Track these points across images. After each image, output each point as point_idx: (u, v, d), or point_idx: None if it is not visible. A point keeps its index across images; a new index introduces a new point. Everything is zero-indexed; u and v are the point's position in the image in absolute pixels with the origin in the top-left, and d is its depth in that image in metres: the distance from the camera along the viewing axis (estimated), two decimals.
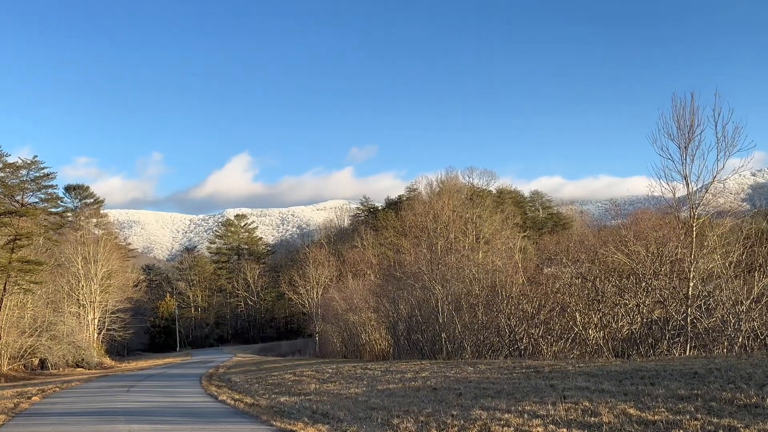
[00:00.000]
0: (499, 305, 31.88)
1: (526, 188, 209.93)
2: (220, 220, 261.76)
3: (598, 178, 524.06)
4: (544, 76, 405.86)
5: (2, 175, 54.94)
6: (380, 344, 48.82)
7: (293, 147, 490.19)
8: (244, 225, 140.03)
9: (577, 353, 28.17)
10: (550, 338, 29.64)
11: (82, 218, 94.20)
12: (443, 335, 34.27)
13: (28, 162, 59.13)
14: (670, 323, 26.20)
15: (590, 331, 28.10)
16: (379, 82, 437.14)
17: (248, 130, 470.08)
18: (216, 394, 25.12)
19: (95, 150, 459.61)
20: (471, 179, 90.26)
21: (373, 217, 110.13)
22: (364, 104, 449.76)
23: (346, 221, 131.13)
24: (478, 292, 34.24)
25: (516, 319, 31.29)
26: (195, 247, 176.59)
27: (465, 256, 41.35)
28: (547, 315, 30.24)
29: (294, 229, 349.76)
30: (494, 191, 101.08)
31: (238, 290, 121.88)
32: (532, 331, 30.38)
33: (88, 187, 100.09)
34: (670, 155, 24.64)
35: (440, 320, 34.71)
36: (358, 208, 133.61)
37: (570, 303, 29.37)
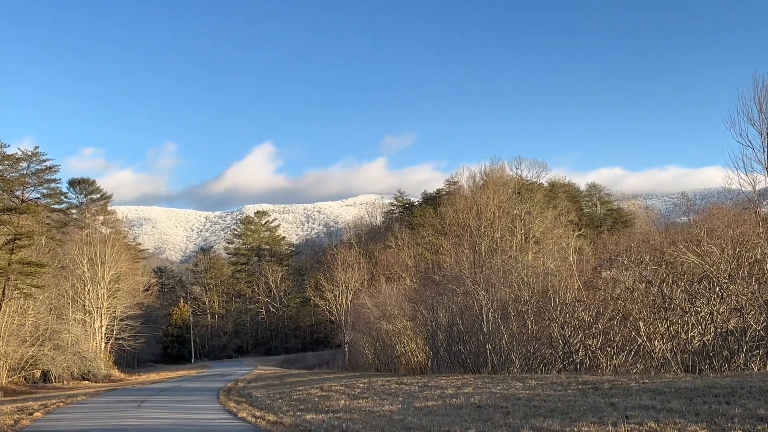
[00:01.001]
0: (552, 313, 31.63)
1: (581, 181, 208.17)
2: (238, 217, 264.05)
3: (666, 169, 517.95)
4: (601, 57, 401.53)
5: (0, 168, 56.10)
6: (417, 356, 48.76)
7: (320, 136, 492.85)
8: (265, 223, 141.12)
9: (641, 367, 27.82)
10: (610, 350, 29.32)
11: (88, 215, 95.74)
12: (488, 346, 34.11)
13: (29, 154, 60.15)
14: (748, 334, 25.74)
15: (656, 343, 27.73)
16: (418, 64, 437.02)
17: (272, 118, 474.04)
18: (235, 410, 25.35)
19: (102, 140, 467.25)
20: (519, 171, 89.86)
21: (409, 214, 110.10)
22: (402, 88, 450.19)
23: (378, 218, 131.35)
24: (528, 298, 34.00)
25: (571, 328, 31.01)
26: (211, 247, 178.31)
27: (512, 257, 41.12)
28: (607, 324, 29.91)
29: (320, 227, 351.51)
30: (545, 184, 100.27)
31: (259, 295, 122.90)
32: (590, 343, 30.08)
33: (94, 182, 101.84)
34: (750, 142, 24.28)
35: (485, 329, 34.55)
36: (391, 204, 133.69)
37: (633, 311, 29.02)
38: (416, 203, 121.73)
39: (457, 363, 37.04)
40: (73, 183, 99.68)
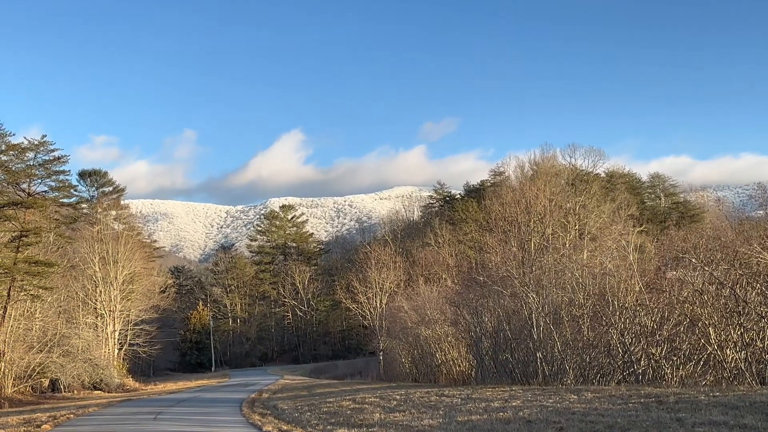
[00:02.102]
0: (610, 318, 31.39)
1: (643, 171, 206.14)
2: (262, 211, 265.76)
3: (739, 156, 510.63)
4: (664, 34, 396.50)
5: (5, 158, 56.92)
6: (459, 365, 48.71)
7: (354, 122, 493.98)
8: (292, 218, 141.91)
9: (711, 379, 27.51)
10: (676, 360, 29.04)
11: (100, 210, 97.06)
12: (539, 355, 33.97)
13: (36, 143, 60.95)
14: None
15: (728, 352, 27.38)
16: (461, 45, 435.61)
17: (302, 103, 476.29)
18: (260, 423, 25.55)
19: (115, 127, 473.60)
20: (573, 160, 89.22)
21: (450, 208, 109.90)
22: (445, 70, 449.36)
23: (415, 213, 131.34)
24: (583, 301, 33.77)
25: (631, 335, 30.75)
26: (232, 245, 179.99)
27: (566, 255, 40.81)
28: (672, 330, 29.60)
29: (352, 222, 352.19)
30: (603, 174, 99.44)
31: (285, 298, 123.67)
32: (653, 351, 29.81)
33: (106, 173, 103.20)
34: None
35: (535, 336, 34.41)
36: (430, 197, 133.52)
37: (702, 315, 28.67)
38: (458, 196, 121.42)
39: (504, 373, 36.93)
40: (83, 175, 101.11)
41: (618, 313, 31.24)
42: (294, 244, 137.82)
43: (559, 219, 69.89)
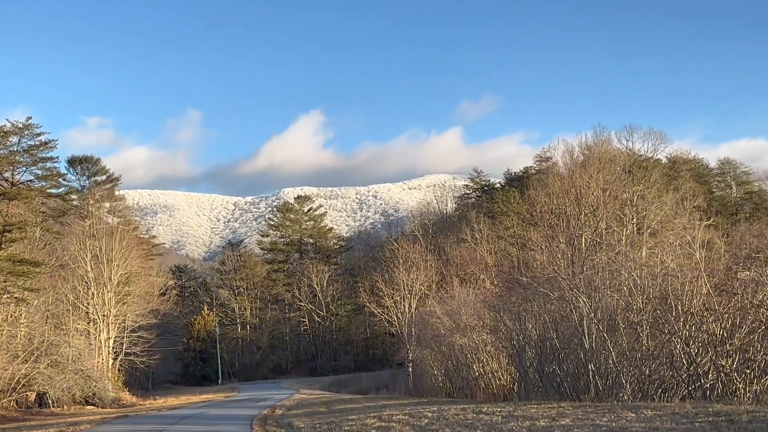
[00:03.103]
0: (673, 325, 31.16)
1: (712, 156, 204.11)
2: (275, 203, 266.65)
3: None
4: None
5: None
6: (499, 378, 48.61)
7: (380, 102, 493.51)
8: (309, 210, 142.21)
9: None
10: (750, 373, 28.77)
11: (92, 202, 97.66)
12: (590, 366, 33.80)
13: (20, 126, 61.51)
14: None
15: None
16: (504, 15, 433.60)
17: (323, 80, 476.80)
18: None
19: (110, 108, 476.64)
20: (630, 143, 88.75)
21: (489, 199, 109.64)
22: (484, 40, 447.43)
23: (449, 204, 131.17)
24: (642, 305, 33.55)
25: (698, 344, 30.50)
26: (241, 241, 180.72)
27: (621, 253, 40.60)
28: (745, 339, 29.34)
29: (377, 215, 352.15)
30: (665, 160, 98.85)
31: (301, 301, 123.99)
32: (722, 363, 29.55)
33: (98, 160, 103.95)
34: None
35: (586, 345, 34.23)
36: (466, 186, 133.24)
37: None
38: (498, 185, 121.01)
39: (551, 387, 36.79)
40: (73, 162, 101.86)
41: (682, 320, 30.98)
42: (311, 241, 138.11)
43: (614, 211, 69.56)
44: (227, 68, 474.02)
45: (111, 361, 76.54)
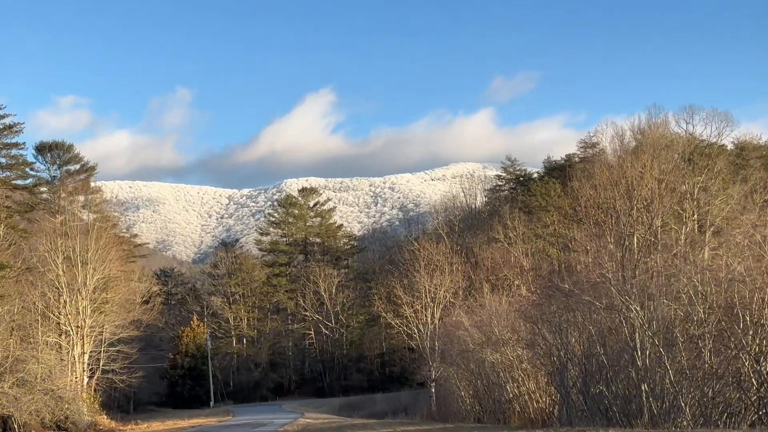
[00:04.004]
0: (741, 339, 31.00)
1: None
2: (276, 197, 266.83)
3: None
4: None
5: None
6: (537, 400, 48.51)
7: (400, 79, 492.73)
8: (315, 205, 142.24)
9: None
10: None
11: (64, 195, 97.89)
12: (644, 387, 33.71)
13: None
14: None
15: None
16: None
17: (336, 54, 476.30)
18: None
19: (86, 85, 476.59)
20: (690, 127, 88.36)
21: (525, 192, 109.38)
22: (521, 7, 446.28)
23: (478, 198, 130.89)
24: (704, 316, 33.39)
25: None
26: (237, 240, 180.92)
27: (680, 255, 40.44)
28: None
29: (394, 211, 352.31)
30: (731, 146, 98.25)
31: (306, 311, 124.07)
32: None
33: (71, 146, 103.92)
34: None
35: (639, 362, 34.12)
36: (498, 177, 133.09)
37: None
38: (536, 175, 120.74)
39: (598, 411, 36.70)
40: (42, 149, 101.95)
41: (751, 333, 30.83)
42: (318, 240, 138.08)
43: (672, 206, 69.30)
44: (222, 39, 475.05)
45: (86, 379, 76.72)
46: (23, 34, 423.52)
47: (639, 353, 34.28)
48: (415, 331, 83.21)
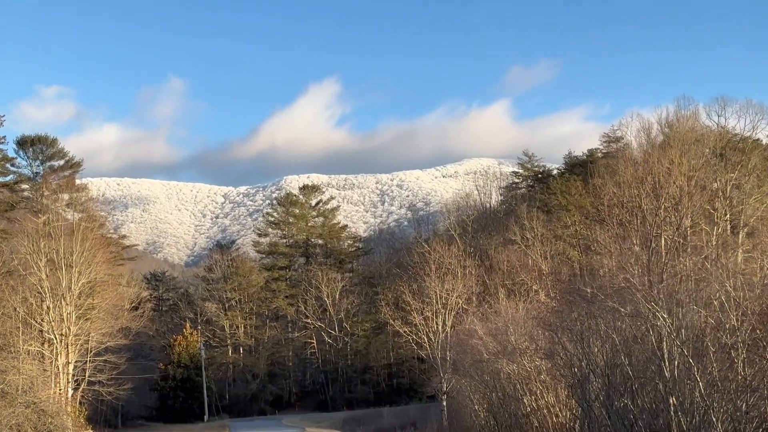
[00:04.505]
0: None
1: None
2: (275, 195, 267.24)
3: None
4: None
5: None
6: (557, 415, 48.57)
7: (411, 69, 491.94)
8: (317, 204, 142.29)
9: None
10: None
11: (47, 193, 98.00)
12: (672, 400, 33.78)
13: None
14: None
15: None
16: None
17: (342, 41, 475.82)
18: None
19: (72, 75, 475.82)
20: (723, 119, 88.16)
21: (544, 189, 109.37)
22: None
23: (494, 196, 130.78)
24: (737, 324, 33.45)
25: None
26: (233, 242, 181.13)
27: (711, 258, 40.50)
28: None
29: (402, 210, 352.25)
30: (766, 141, 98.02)
31: (307, 318, 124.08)
32: None
33: (55, 141, 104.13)
34: None
35: (666, 374, 34.20)
36: (515, 174, 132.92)
37: None
38: (555, 172, 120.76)
39: (622, 426, 36.77)
40: (23, 143, 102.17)
41: None
42: (320, 242, 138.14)
43: (702, 205, 69.27)
44: (218, 25, 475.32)
45: (71, 391, 76.85)
46: (7, 22, 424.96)
47: (667, 364, 34.36)
48: (425, 339, 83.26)
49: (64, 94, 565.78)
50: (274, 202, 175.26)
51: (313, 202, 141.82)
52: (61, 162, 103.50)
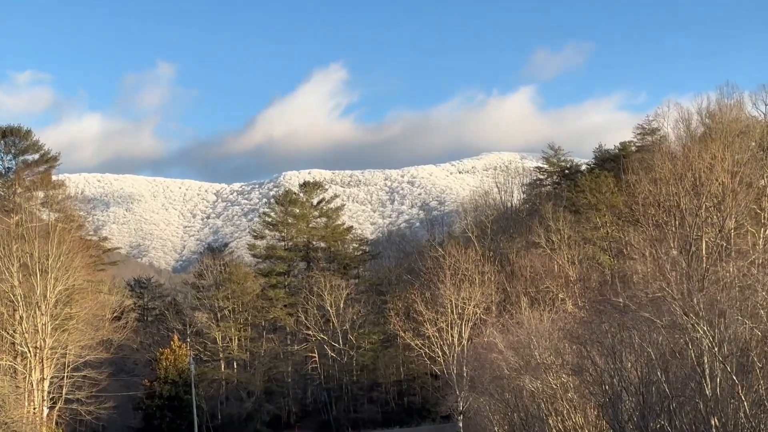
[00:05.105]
0: None
1: None
2: (272, 192, 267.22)
3: None
4: None
5: None
6: None
7: (424, 54, 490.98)
8: (320, 203, 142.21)
9: None
10: None
11: (20, 190, 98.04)
12: (713, 421, 33.70)
13: None
14: None
15: None
16: None
17: (350, 23, 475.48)
18: None
19: (49, 58, 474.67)
20: None
21: (571, 187, 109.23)
22: None
23: (515, 194, 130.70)
24: None
25: None
26: (226, 244, 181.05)
27: (758, 263, 40.39)
28: None
29: (413, 209, 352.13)
30: None
31: (308, 329, 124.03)
32: None
33: (29, 133, 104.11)
34: None
35: (707, 391, 34.12)
36: (539, 169, 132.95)
37: None
38: (584, 167, 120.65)
39: None
40: None
41: None
42: (322, 244, 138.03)
43: (748, 204, 69.02)
44: (214, 3, 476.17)
45: (46, 410, 76.85)
46: None
47: (708, 381, 34.27)
48: (439, 353, 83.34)
49: (39, 80, 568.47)
50: (272, 200, 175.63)
51: (315, 201, 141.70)
52: (36, 156, 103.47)
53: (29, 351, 74.93)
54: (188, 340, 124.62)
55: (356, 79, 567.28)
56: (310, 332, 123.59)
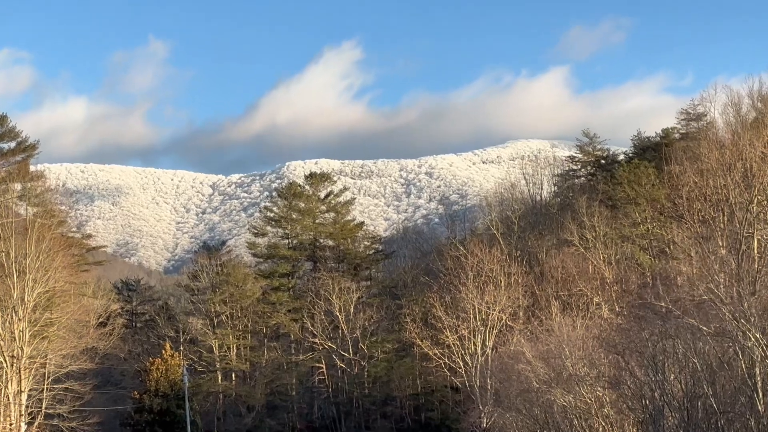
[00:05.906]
0: None
1: None
2: (275, 184, 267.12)
3: None
4: None
5: None
6: None
7: (445, 32, 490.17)
8: (328, 196, 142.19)
9: None
10: None
11: None
12: None
13: None
14: None
15: None
16: None
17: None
18: None
19: (28, 35, 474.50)
20: None
21: (608, 179, 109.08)
22: None
23: (545, 186, 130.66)
24: None
25: None
26: (223, 242, 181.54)
27: None
28: None
29: (432, 203, 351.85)
30: None
31: (315, 337, 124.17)
32: None
33: (5, 118, 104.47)
34: None
35: (760, 407, 34.14)
36: (571, 159, 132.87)
37: None
38: (622, 157, 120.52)
39: None
40: None
41: None
42: (330, 243, 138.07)
43: None
44: None
45: (24, 426, 77.06)
46: None
47: (760, 395, 34.27)
48: (460, 364, 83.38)
49: (18, 58, 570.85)
50: (274, 193, 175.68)
51: (322, 194, 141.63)
52: (12, 144, 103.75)
53: (5, 361, 75.04)
54: (181, 348, 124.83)
55: (371, 59, 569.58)
56: (316, 340, 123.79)
